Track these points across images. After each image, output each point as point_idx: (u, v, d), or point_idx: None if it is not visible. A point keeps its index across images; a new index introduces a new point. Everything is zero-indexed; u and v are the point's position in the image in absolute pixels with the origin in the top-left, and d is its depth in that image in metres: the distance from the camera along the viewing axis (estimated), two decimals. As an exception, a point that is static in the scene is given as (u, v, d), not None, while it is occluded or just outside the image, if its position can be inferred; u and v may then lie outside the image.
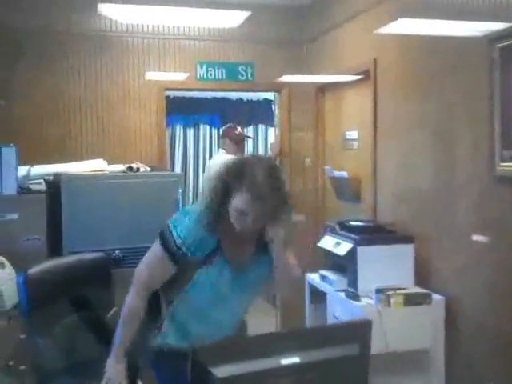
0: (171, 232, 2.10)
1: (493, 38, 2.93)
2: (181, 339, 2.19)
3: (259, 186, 1.98)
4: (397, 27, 3.77)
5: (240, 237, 2.10)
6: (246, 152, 7.07)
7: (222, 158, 4.82)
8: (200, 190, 6.96)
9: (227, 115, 7.42)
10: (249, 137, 5.95)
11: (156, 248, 2.15)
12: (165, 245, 2.11)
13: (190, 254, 2.08)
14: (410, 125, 3.74)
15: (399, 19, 3.69)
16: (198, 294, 2.14)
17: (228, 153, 5.02)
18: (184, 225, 2.10)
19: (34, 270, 2.59)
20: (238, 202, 1.99)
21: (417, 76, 3.65)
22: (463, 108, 3.23)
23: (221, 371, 1.43)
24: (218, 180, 2.08)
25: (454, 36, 3.27)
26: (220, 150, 5.39)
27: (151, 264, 2.18)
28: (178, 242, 2.08)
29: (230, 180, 2.02)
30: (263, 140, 9.09)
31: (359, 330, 1.66)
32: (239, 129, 5.30)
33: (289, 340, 1.59)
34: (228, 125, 5.45)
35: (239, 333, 2.28)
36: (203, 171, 7.75)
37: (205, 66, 4.98)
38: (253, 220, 2.00)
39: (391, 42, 3.91)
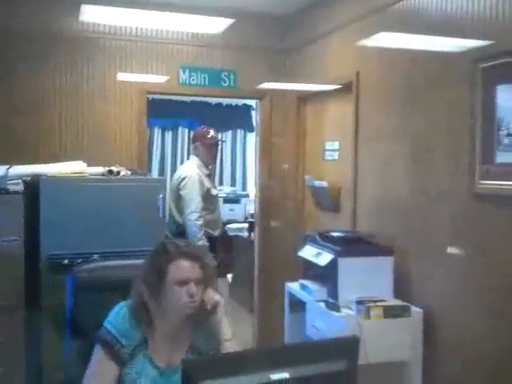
0: (104, 324, 2.09)
1: (476, 58, 2.98)
2: None
3: (188, 249, 2.08)
4: (379, 40, 3.84)
5: (174, 330, 2.07)
6: (217, 158, 6.90)
7: (187, 171, 4.71)
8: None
9: (206, 119, 7.44)
10: (221, 140, 5.79)
11: (94, 351, 2.08)
12: (99, 339, 2.06)
13: (120, 341, 2.03)
14: (390, 137, 3.77)
15: (381, 33, 3.77)
16: None
17: (199, 159, 4.83)
18: (114, 312, 2.11)
19: (81, 271, 2.58)
20: (173, 272, 2.01)
21: (399, 90, 3.69)
22: (444, 123, 3.27)
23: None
24: (146, 269, 2.10)
25: (437, 52, 3.33)
26: (191, 156, 5.10)
27: (93, 369, 2.06)
28: (108, 327, 2.06)
29: (157, 261, 2.06)
30: (241, 145, 9.14)
31: (347, 346, 1.67)
32: (212, 132, 4.95)
33: (278, 355, 1.59)
34: (199, 128, 5.16)
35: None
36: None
37: (187, 71, 4.96)
38: (195, 285, 2.01)
39: (374, 56, 3.95)
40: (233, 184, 9.10)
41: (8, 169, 3.79)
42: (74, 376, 2.29)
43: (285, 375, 1.53)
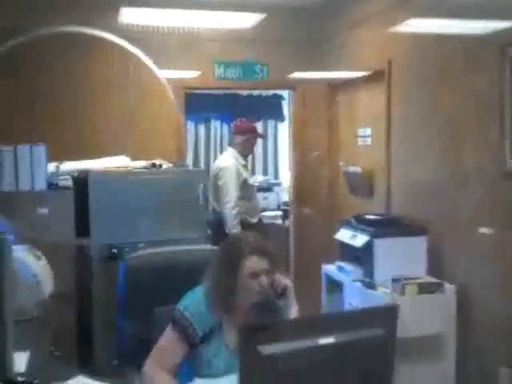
0: (178, 307, 2.24)
1: (504, 44, 3.08)
2: None
3: (257, 244, 2.23)
4: (409, 27, 3.94)
5: (246, 315, 2.20)
6: (255, 151, 7.05)
7: (224, 162, 4.87)
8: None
9: (237, 111, 7.57)
10: (262, 136, 5.88)
11: (167, 330, 2.24)
12: (173, 321, 2.22)
13: (193, 325, 2.19)
14: (422, 122, 3.89)
15: (412, 19, 3.88)
16: (192, 375, 2.21)
17: (237, 150, 4.92)
18: (189, 297, 2.27)
19: (133, 258, 2.69)
20: (246, 268, 2.18)
21: (429, 75, 3.80)
22: (474, 106, 3.38)
23: (266, 349, 1.60)
24: (218, 265, 2.26)
25: (467, 37, 3.43)
26: (228, 147, 5.18)
27: (163, 345, 2.23)
28: (183, 310, 2.22)
29: (230, 256, 2.23)
30: (272, 135, 9.27)
31: (386, 314, 1.83)
32: (252, 125, 5.09)
33: (324, 322, 1.76)
34: (239, 120, 5.16)
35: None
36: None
37: (222, 65, 5.14)
38: (265, 276, 2.19)
39: (405, 42, 4.06)
40: (265, 173, 9.22)
41: (58, 165, 4.01)
42: (127, 361, 2.47)
43: (330, 340, 1.69)
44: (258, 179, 8.69)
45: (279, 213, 7.47)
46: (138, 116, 4.98)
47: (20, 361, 1.93)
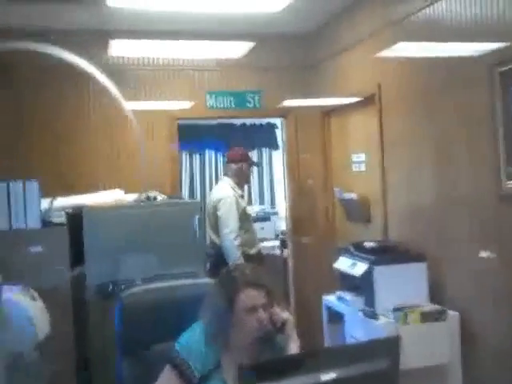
0: (175, 347, 2.16)
1: (493, 63, 3.08)
2: None
3: (253, 276, 2.17)
4: (398, 51, 3.96)
5: (245, 352, 2.13)
6: (251, 179, 7.05)
7: (223, 192, 4.81)
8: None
9: (232, 140, 7.58)
10: (257, 164, 5.88)
11: (164, 371, 2.16)
12: (170, 361, 2.14)
13: (192, 365, 2.11)
14: (415, 146, 3.87)
15: (399, 43, 3.90)
16: None
17: (233, 180, 4.89)
18: (187, 335, 2.19)
19: (128, 296, 2.64)
20: (242, 302, 2.11)
21: (420, 98, 3.80)
22: (467, 128, 3.36)
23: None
24: (214, 299, 2.18)
25: (456, 58, 3.43)
26: (223, 177, 5.12)
27: None
28: (181, 350, 2.14)
29: (225, 290, 2.16)
30: (267, 163, 9.27)
31: (389, 346, 1.78)
32: (246, 153, 5.07)
33: (325, 357, 1.71)
34: (233, 149, 5.17)
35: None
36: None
37: (214, 95, 5.15)
38: (263, 310, 2.11)
39: (394, 66, 4.07)
40: (261, 202, 9.20)
41: (52, 201, 3.95)
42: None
43: (332, 375, 1.64)
44: (254, 209, 8.65)
45: (277, 242, 7.42)
46: (130, 148, 4.94)
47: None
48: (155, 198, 4.20)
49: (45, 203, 3.96)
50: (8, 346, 2.65)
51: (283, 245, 6.48)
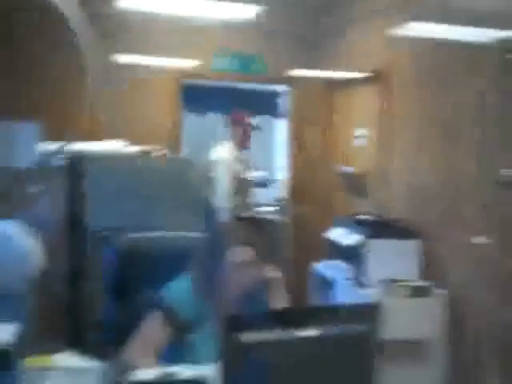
0: (162, 293, 2.19)
1: (503, 49, 3.07)
2: None
3: (245, 235, 2.20)
4: (409, 30, 3.92)
5: (233, 304, 2.17)
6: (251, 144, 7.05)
7: (217, 155, 4.87)
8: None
9: (234, 104, 7.54)
10: (257, 127, 5.86)
11: (151, 317, 2.17)
12: (157, 306, 2.17)
13: (179, 312, 2.14)
14: (419, 124, 3.88)
15: (411, 23, 3.85)
16: (178, 361, 2.14)
17: (234, 143, 4.92)
18: (175, 284, 2.21)
19: (124, 241, 2.67)
20: (231, 257, 2.14)
21: (427, 78, 3.79)
22: (472, 111, 3.38)
23: (247, 338, 1.58)
24: (206, 253, 2.22)
25: (466, 42, 3.41)
26: (224, 140, 5.15)
27: (146, 326, 2.18)
28: (165, 294, 2.17)
29: (216, 245, 2.20)
30: (268, 131, 9.24)
31: (371, 311, 1.81)
32: (247, 117, 5.08)
33: (306, 314, 1.74)
34: (235, 112, 5.16)
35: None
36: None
37: (220, 57, 5.10)
38: (254, 268, 2.15)
39: (404, 45, 4.05)
40: (261, 169, 9.20)
41: (63, 146, 3.94)
42: (109, 338, 2.43)
43: (312, 332, 1.67)
44: (254, 174, 8.62)
45: (274, 208, 7.44)
46: (134, 104, 4.92)
47: (6, 332, 1.88)
48: (154, 153, 4.19)
49: (55, 147, 3.95)
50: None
51: (280, 211, 6.51)
